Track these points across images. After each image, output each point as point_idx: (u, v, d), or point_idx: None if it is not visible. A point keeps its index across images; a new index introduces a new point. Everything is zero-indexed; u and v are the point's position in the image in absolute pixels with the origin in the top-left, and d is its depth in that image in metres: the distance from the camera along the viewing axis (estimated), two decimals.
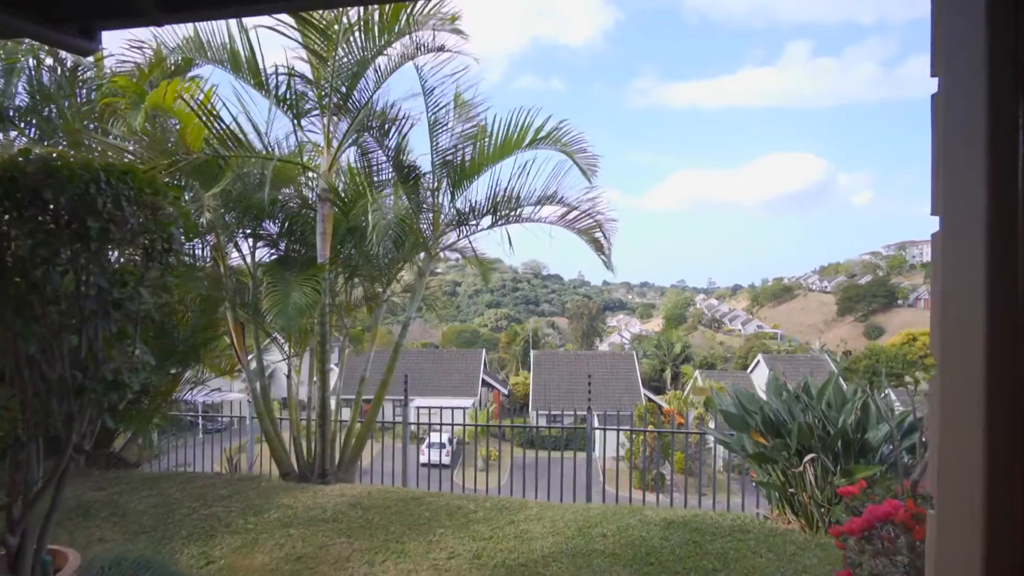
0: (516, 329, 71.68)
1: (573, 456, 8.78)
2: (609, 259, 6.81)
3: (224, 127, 5.31)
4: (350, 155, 6.75)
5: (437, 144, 6.48)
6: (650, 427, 25.15)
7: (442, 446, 18.86)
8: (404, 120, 6.14)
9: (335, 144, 5.77)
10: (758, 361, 40.62)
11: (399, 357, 6.58)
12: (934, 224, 1.76)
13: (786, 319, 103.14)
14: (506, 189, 6.52)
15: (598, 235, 6.65)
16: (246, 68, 5.58)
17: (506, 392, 41.98)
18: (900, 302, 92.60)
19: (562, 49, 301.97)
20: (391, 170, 6.53)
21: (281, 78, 5.48)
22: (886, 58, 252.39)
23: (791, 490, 5.03)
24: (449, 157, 6.47)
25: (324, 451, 6.04)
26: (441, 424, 8.63)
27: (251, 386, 6.24)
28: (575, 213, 6.70)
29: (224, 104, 5.46)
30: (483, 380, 38.12)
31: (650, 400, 34.13)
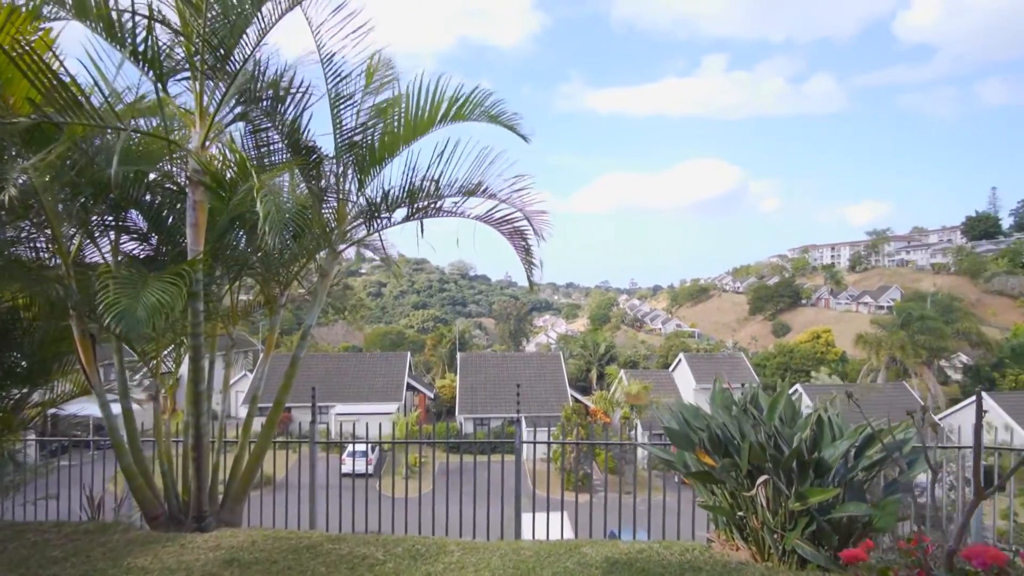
0: (443, 331, 70.46)
1: (501, 459, 8.16)
2: (537, 267, 6.08)
3: (60, 85, 4.13)
4: (239, 131, 5.69)
5: (341, 122, 5.55)
6: (580, 429, 25.06)
7: (364, 454, 17.69)
8: (301, 90, 5.17)
9: (211, 115, 4.71)
10: (679, 360, 41.76)
11: (297, 371, 5.58)
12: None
13: (703, 318, 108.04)
14: (424, 177, 5.67)
15: (527, 231, 5.92)
16: (94, 12, 4.42)
17: (432, 396, 40.81)
18: (804, 301, 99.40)
19: (491, 50, 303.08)
20: (287, 151, 5.53)
21: (140, 27, 4.34)
22: (793, 75, 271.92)
23: (740, 514, 4.57)
24: (356, 137, 5.55)
25: (200, 489, 4.96)
26: (354, 438, 7.74)
27: (104, 412, 5.04)
28: (503, 208, 5.94)
29: (59, 60, 4.26)
30: (408, 384, 36.78)
31: (577, 401, 34.18)
